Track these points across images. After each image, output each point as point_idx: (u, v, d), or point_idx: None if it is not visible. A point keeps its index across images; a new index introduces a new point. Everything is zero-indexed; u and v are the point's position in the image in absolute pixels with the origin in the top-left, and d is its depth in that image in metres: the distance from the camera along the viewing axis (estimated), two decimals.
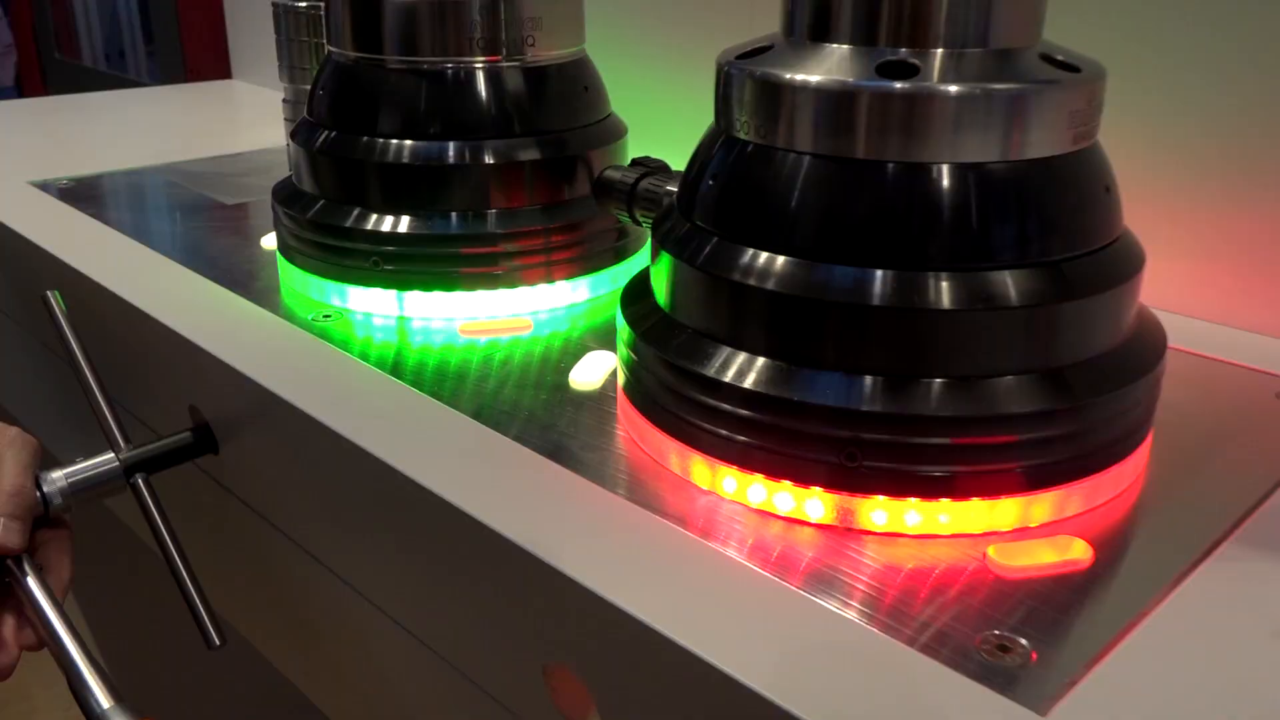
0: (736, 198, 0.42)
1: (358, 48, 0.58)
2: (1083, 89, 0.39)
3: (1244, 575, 0.37)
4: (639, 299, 0.47)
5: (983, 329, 0.39)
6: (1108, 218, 0.41)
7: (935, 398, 0.38)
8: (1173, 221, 0.59)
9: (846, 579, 0.37)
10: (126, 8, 2.09)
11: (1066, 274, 0.40)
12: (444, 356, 0.55)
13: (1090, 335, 0.41)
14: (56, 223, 0.74)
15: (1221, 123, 0.56)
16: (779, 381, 0.39)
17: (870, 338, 0.39)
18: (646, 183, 0.55)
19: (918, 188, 0.38)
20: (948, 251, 0.38)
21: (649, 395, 0.44)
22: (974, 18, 0.38)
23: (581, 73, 0.62)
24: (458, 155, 0.57)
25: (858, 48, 0.39)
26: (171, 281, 0.64)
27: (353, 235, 0.58)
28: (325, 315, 0.59)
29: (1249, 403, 0.50)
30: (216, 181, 0.85)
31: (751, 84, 0.40)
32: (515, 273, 0.59)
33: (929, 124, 0.38)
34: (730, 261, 0.40)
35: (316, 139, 0.59)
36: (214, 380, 0.55)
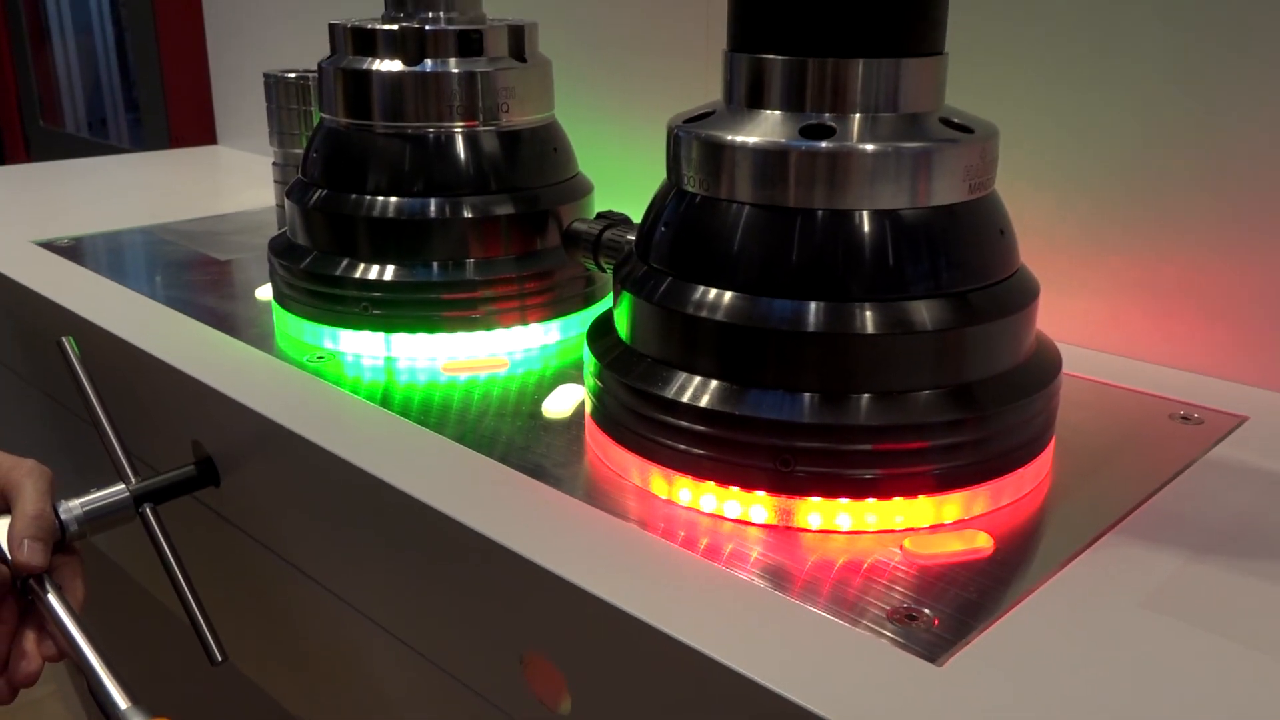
0: (686, 242, 0.48)
1: (348, 115, 0.65)
2: (975, 147, 0.45)
3: (1119, 559, 0.43)
4: (603, 335, 0.53)
5: (901, 350, 0.45)
6: (1004, 255, 0.48)
7: (861, 410, 0.44)
8: (1080, 263, 0.66)
9: (788, 569, 0.42)
10: (109, 76, 2.16)
11: (971, 303, 0.46)
12: (428, 392, 0.60)
13: (993, 355, 0.47)
14: (64, 278, 0.79)
15: (1120, 176, 0.63)
16: (727, 400, 0.45)
17: (805, 360, 0.45)
18: (610, 233, 0.61)
19: (841, 231, 0.45)
20: (869, 285, 0.45)
21: (613, 418, 0.50)
22: (884, 88, 0.45)
23: (551, 136, 0.68)
24: (439, 211, 0.63)
25: (787, 113, 0.46)
26: (175, 328, 0.69)
27: (343, 283, 0.64)
28: (319, 356, 0.64)
29: (1145, 423, 0.56)
30: (209, 240, 0.91)
31: (697, 144, 0.47)
32: (492, 316, 0.65)
33: (849, 177, 0.44)
34: (683, 298, 0.47)
35: (310, 197, 0.65)
36: (217, 415, 0.61)
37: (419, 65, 0.63)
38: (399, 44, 0.63)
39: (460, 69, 0.63)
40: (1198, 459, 0.52)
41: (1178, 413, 0.57)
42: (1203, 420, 0.56)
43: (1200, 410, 0.57)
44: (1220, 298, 0.61)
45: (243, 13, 1.29)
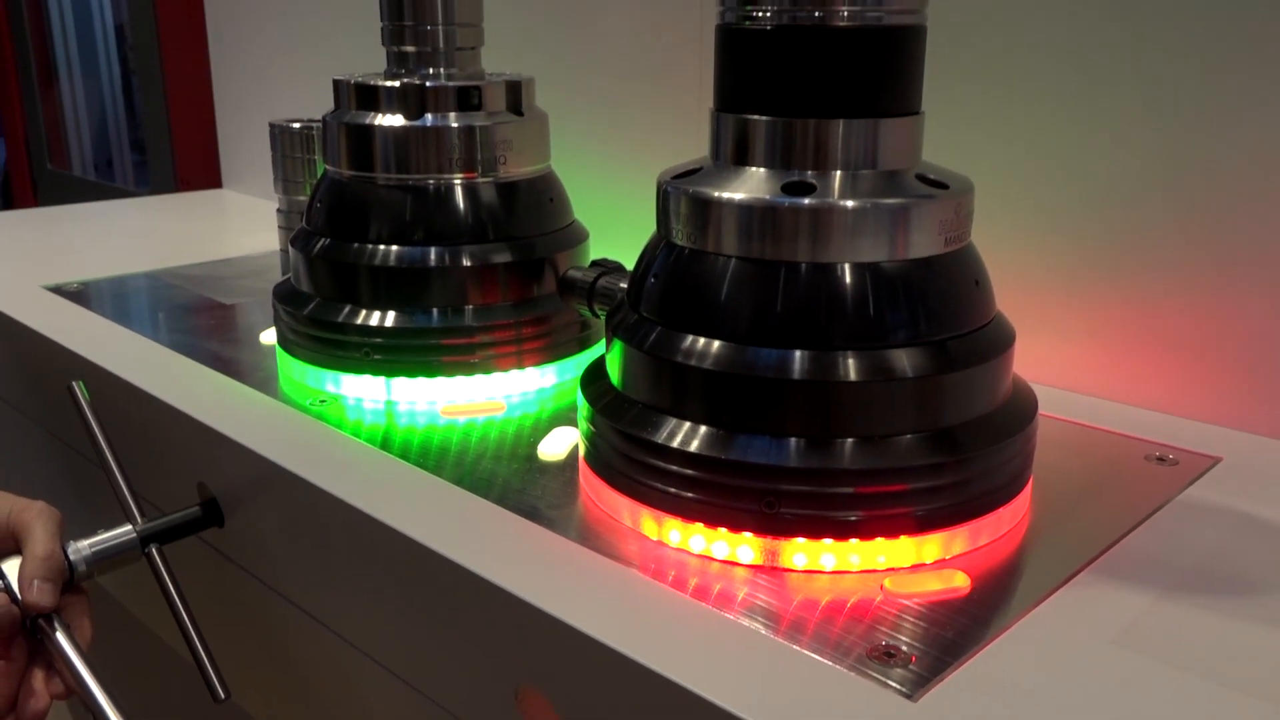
0: (675, 293, 0.50)
1: (351, 166, 0.67)
2: (950, 203, 0.48)
3: (1092, 598, 0.45)
4: (596, 380, 0.55)
5: (882, 397, 0.47)
6: (980, 305, 0.50)
7: (845, 454, 0.46)
8: (1057, 307, 0.68)
9: (774, 609, 0.44)
10: (115, 118, 2.19)
11: (950, 350, 0.48)
12: (427, 435, 0.62)
13: (972, 400, 0.49)
14: (73, 322, 0.81)
15: (1092, 220, 0.66)
16: (714, 445, 0.47)
17: (790, 406, 0.47)
18: (604, 281, 0.64)
19: (824, 283, 0.47)
20: (851, 334, 0.47)
21: (605, 461, 0.52)
22: (864, 147, 0.47)
23: (547, 186, 0.71)
24: (439, 259, 0.65)
25: (771, 170, 0.48)
26: (181, 372, 0.71)
27: (345, 329, 0.66)
28: (321, 400, 0.66)
29: (1121, 463, 0.58)
30: (214, 284, 0.93)
31: (685, 200, 0.49)
32: (490, 361, 0.66)
33: (830, 232, 0.46)
34: (672, 346, 0.49)
35: (314, 245, 0.68)
36: (221, 458, 0.62)
37: (420, 120, 0.65)
38: (401, 100, 0.65)
39: (460, 123, 0.66)
40: (1171, 499, 0.54)
41: (1153, 454, 0.59)
42: (1177, 461, 0.58)
43: (1175, 451, 0.59)
44: (1194, 340, 0.63)
45: (248, 59, 1.32)
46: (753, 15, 0.47)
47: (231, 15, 1.33)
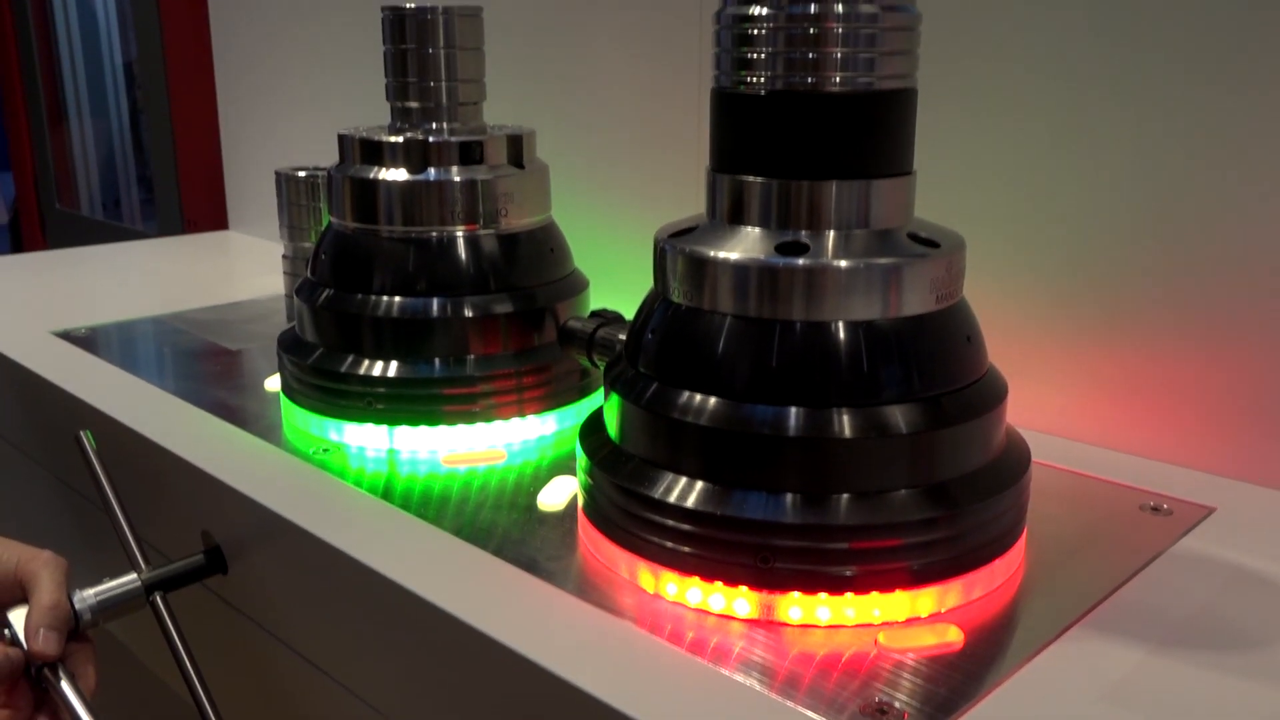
0: (672, 349, 0.51)
1: (355, 219, 0.68)
2: (942, 261, 0.48)
3: (1084, 653, 0.45)
4: (594, 432, 0.56)
5: (877, 453, 0.47)
6: (972, 360, 0.51)
7: (840, 510, 0.47)
8: (1051, 353, 0.69)
9: (770, 664, 0.45)
10: (123, 158, 2.22)
11: (943, 406, 0.49)
12: (429, 484, 0.63)
13: (965, 455, 0.50)
14: (81, 369, 0.82)
15: (1087, 268, 0.66)
16: (710, 500, 0.48)
17: (785, 463, 0.47)
18: (603, 331, 0.64)
19: (818, 341, 0.48)
20: (845, 391, 0.48)
21: (603, 514, 0.52)
22: (856, 207, 0.49)
23: (548, 237, 0.72)
24: (441, 310, 0.66)
25: (766, 230, 0.49)
26: (187, 420, 0.72)
27: (349, 379, 0.67)
28: (324, 449, 0.67)
29: (1115, 513, 0.59)
30: (220, 328, 0.94)
31: (682, 258, 0.50)
32: (491, 410, 0.67)
33: (824, 292, 0.47)
34: (669, 402, 0.49)
35: (318, 296, 0.69)
36: (225, 506, 0.63)
37: (423, 174, 0.67)
38: (404, 154, 0.67)
39: (462, 177, 0.67)
40: (1165, 550, 0.55)
41: (1147, 503, 0.60)
42: (1171, 511, 0.59)
43: (1169, 501, 0.60)
44: (1186, 388, 0.64)
45: (255, 102, 1.34)
46: (747, 81, 0.48)
47: (239, 57, 1.35)
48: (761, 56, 0.48)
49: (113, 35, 2.20)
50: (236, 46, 1.35)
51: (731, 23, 0.49)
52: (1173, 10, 0.61)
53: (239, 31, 1.34)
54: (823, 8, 0.46)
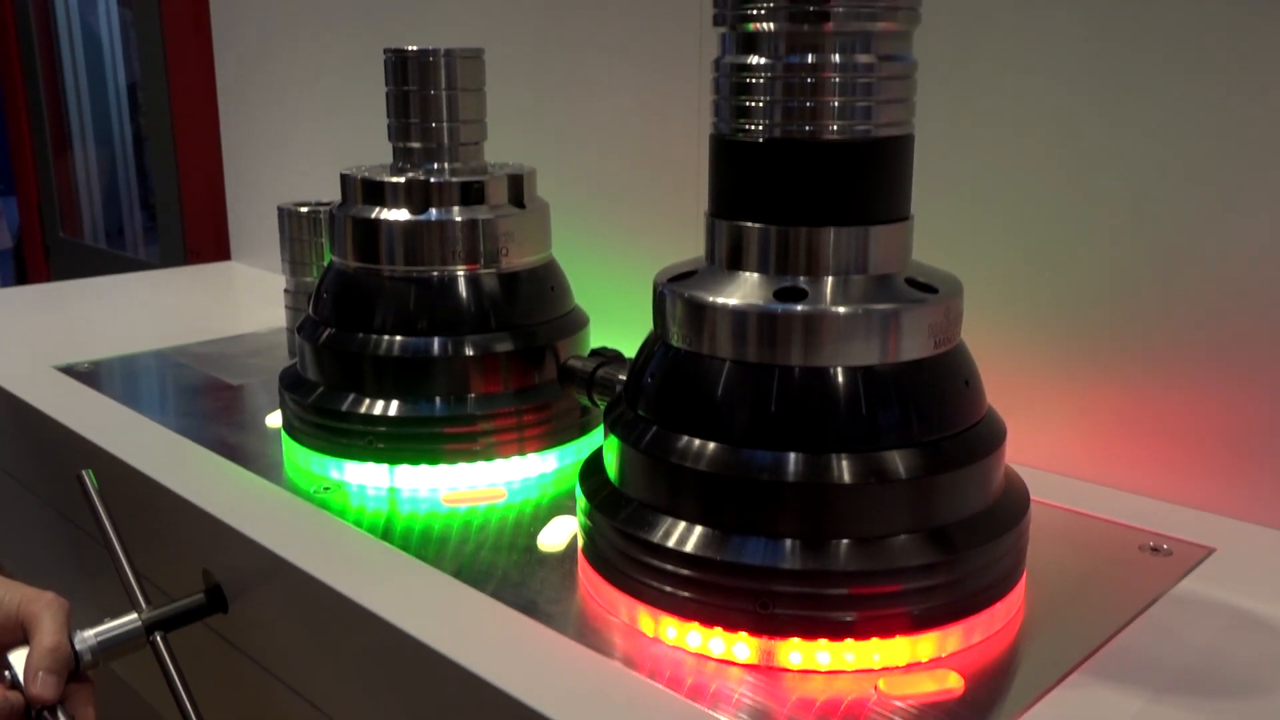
0: (671, 394, 0.51)
1: (357, 258, 0.69)
2: (940, 306, 0.49)
3: (1085, 699, 0.45)
4: (594, 473, 0.56)
5: (876, 498, 0.47)
6: (970, 404, 0.51)
7: (839, 556, 0.47)
8: (1051, 391, 0.69)
9: (770, 710, 0.45)
10: (126, 185, 2.23)
11: (942, 450, 0.49)
12: (429, 523, 0.63)
13: (964, 499, 0.50)
14: (83, 405, 0.82)
15: (1089, 309, 0.67)
16: (709, 546, 0.48)
17: (784, 508, 0.47)
18: (603, 371, 0.65)
19: (817, 387, 0.48)
20: (844, 437, 0.48)
21: (603, 556, 0.53)
22: (854, 253, 0.49)
23: (549, 275, 0.72)
24: (442, 349, 0.67)
25: (764, 275, 0.49)
26: (188, 458, 0.72)
27: (350, 418, 0.67)
28: (325, 488, 0.67)
29: (1115, 554, 0.59)
30: (222, 363, 0.94)
31: (681, 303, 0.50)
32: (492, 448, 0.67)
33: (822, 337, 0.47)
34: (668, 447, 0.50)
35: (320, 335, 0.69)
36: (226, 545, 0.63)
37: (424, 214, 0.67)
38: (406, 195, 0.67)
39: (463, 217, 0.67)
40: (1165, 593, 0.55)
41: (1147, 543, 0.60)
42: (1171, 551, 0.59)
43: (1169, 541, 0.60)
44: (1186, 427, 0.64)
45: (258, 133, 1.35)
46: (745, 128, 0.49)
47: (242, 87, 1.36)
48: (759, 105, 0.48)
49: (117, 60, 2.22)
50: (240, 76, 1.36)
51: (730, 71, 0.49)
52: (1167, 56, 0.61)
53: (242, 61, 1.35)
54: (820, 58, 0.47)
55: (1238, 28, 0.59)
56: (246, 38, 1.33)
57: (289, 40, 1.25)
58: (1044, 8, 0.65)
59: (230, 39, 1.36)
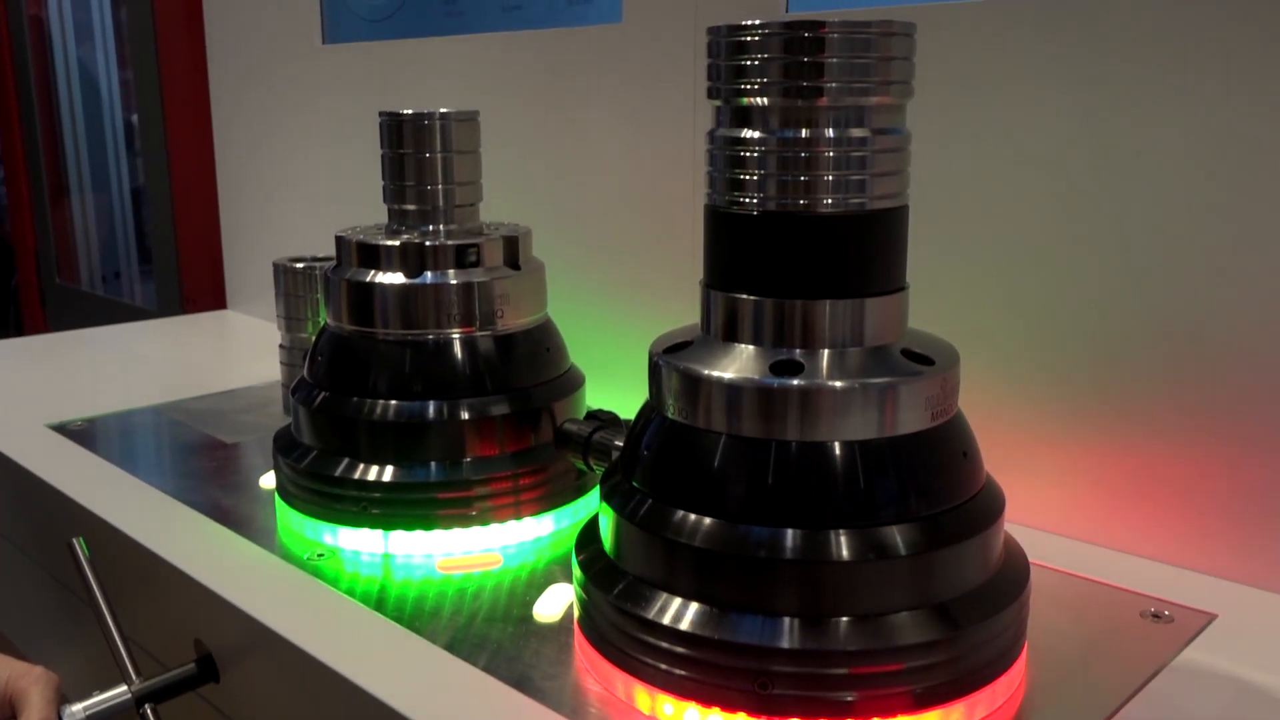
0: (667, 467, 0.51)
1: (352, 322, 0.68)
2: (936, 379, 0.48)
3: None
4: (589, 543, 0.55)
5: (875, 575, 0.47)
6: (969, 476, 0.50)
7: (839, 634, 0.46)
8: (1047, 453, 0.68)
9: None
10: (124, 233, 2.23)
11: (941, 524, 0.48)
12: (423, 590, 0.62)
13: (965, 573, 0.49)
14: (75, 466, 0.82)
15: (1087, 368, 0.66)
16: (706, 624, 0.47)
17: (783, 586, 0.47)
18: (599, 435, 0.64)
19: (813, 461, 0.47)
20: (842, 512, 0.47)
21: (598, 630, 0.52)
22: (850, 325, 0.49)
23: (544, 336, 0.72)
24: (437, 413, 0.66)
25: (759, 348, 0.49)
26: (181, 523, 0.71)
27: (344, 483, 0.66)
28: (319, 554, 0.67)
29: (1116, 621, 0.58)
30: (216, 420, 0.94)
31: (676, 375, 0.50)
32: (488, 513, 0.67)
33: (818, 412, 0.47)
34: (663, 521, 0.49)
35: (314, 399, 0.69)
36: (217, 615, 0.63)
37: (419, 277, 0.67)
38: (401, 258, 0.67)
39: (458, 280, 0.67)
40: (1168, 663, 0.54)
41: (1148, 609, 0.59)
42: (1173, 618, 0.58)
43: (1170, 607, 0.59)
44: (1187, 487, 0.63)
45: (255, 186, 1.35)
46: (740, 200, 0.49)
47: (239, 138, 1.37)
48: (754, 178, 0.48)
49: (115, 104, 2.23)
50: (237, 127, 1.37)
51: (724, 144, 0.49)
52: (1159, 113, 0.61)
53: (240, 111, 1.36)
54: (814, 132, 0.47)
55: (1231, 86, 0.59)
56: (245, 94, 1.34)
57: (287, 94, 1.26)
58: (1033, 76, 0.66)
59: (227, 92, 1.37)
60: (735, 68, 0.48)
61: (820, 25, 0.46)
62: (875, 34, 0.46)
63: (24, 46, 2.18)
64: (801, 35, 0.46)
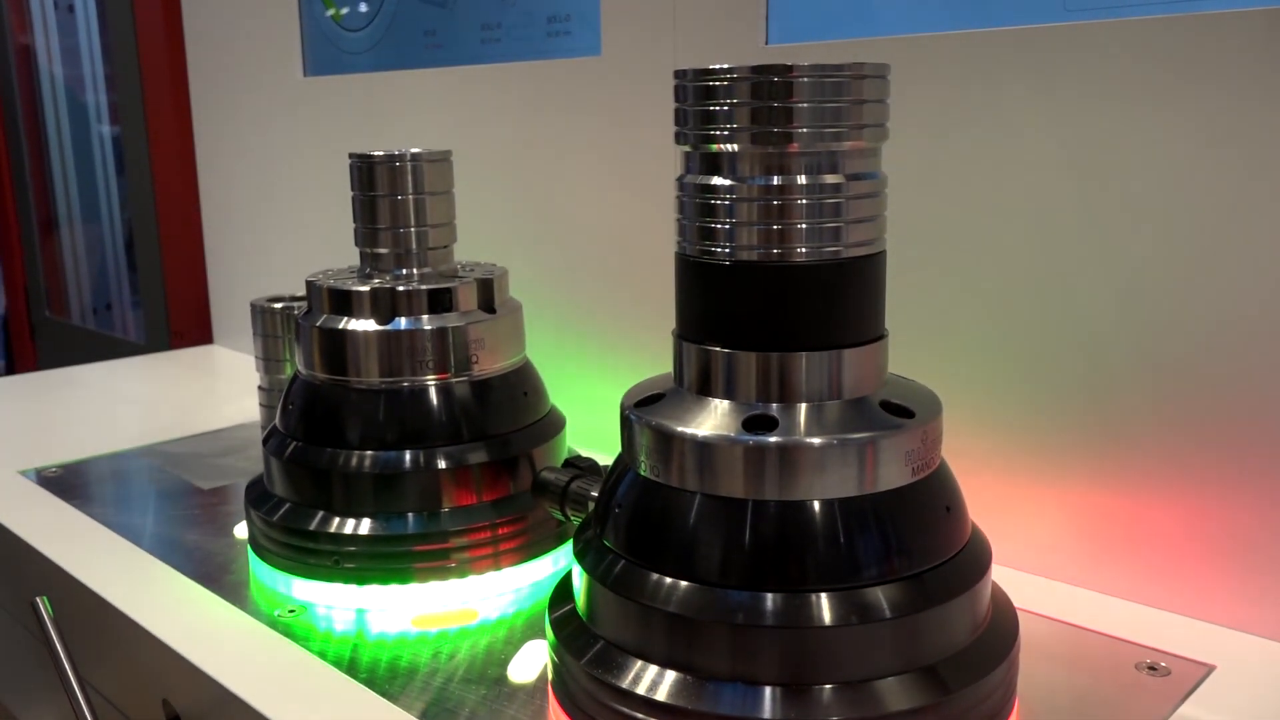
0: (640, 527, 0.49)
1: (324, 370, 0.67)
2: (916, 432, 0.47)
3: None
4: (563, 602, 0.53)
5: (859, 640, 0.45)
6: (953, 532, 0.49)
7: (823, 702, 0.44)
8: (1039, 493, 0.66)
9: None
10: (115, 263, 2.22)
11: (926, 583, 0.46)
12: (397, 650, 0.60)
13: (952, 633, 0.47)
14: (44, 517, 0.80)
15: (1077, 409, 0.65)
16: (683, 694, 0.45)
17: (763, 653, 0.45)
18: (576, 485, 0.63)
19: (789, 520, 0.45)
20: (822, 574, 0.45)
21: (571, 696, 0.50)
22: (827, 378, 0.47)
23: (522, 379, 0.70)
24: (413, 463, 0.64)
25: (734, 403, 0.47)
26: (150, 578, 0.69)
27: (316, 537, 0.64)
28: (290, 610, 0.65)
29: (1110, 675, 0.56)
30: (195, 464, 0.92)
31: (647, 431, 0.48)
32: (465, 565, 0.65)
33: (794, 470, 0.45)
34: (636, 585, 0.47)
35: (286, 449, 0.67)
36: (185, 678, 0.61)
37: (392, 323, 0.65)
38: (373, 304, 0.65)
39: (432, 325, 0.65)
40: (1166, 719, 0.52)
41: (1143, 661, 0.57)
42: (1169, 670, 0.56)
43: (1167, 658, 0.57)
44: (1181, 532, 0.62)
45: (238, 218, 1.34)
46: (710, 250, 0.47)
47: (221, 168, 1.35)
48: (725, 227, 0.46)
49: (104, 130, 2.22)
50: (220, 157, 1.35)
51: (693, 191, 0.47)
52: (1146, 149, 0.60)
53: (222, 140, 1.34)
54: (785, 179, 0.45)
55: (1218, 123, 0.57)
56: (226, 125, 1.33)
57: (269, 125, 1.25)
58: (1017, 112, 0.64)
59: (210, 124, 1.36)
60: (703, 113, 0.46)
61: (789, 69, 0.44)
62: (847, 77, 0.45)
63: (10, 77, 2.17)
64: (770, 80, 0.44)
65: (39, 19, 2.27)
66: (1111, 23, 0.60)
